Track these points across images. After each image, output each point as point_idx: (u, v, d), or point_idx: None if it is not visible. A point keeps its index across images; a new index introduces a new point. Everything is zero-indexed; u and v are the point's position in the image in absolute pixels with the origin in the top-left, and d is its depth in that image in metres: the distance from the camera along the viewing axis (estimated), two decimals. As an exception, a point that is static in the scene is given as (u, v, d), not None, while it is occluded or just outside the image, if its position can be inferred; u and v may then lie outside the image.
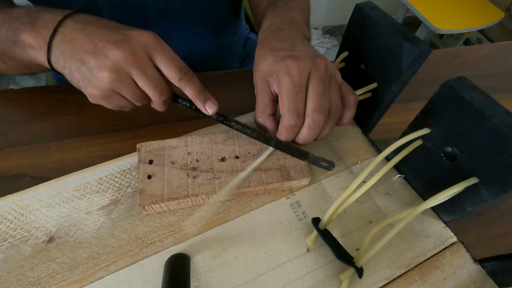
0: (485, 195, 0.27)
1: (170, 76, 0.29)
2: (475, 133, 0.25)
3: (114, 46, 0.27)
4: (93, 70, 0.27)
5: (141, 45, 0.28)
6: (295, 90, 0.29)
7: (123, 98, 0.30)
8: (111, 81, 0.27)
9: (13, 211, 0.30)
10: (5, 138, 0.36)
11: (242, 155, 0.33)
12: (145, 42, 0.28)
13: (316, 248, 0.30)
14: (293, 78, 0.29)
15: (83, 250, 0.28)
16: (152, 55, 0.29)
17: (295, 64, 0.29)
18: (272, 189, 0.33)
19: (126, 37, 0.28)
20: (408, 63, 0.29)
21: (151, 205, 0.29)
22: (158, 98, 0.30)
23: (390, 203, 0.33)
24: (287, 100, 0.29)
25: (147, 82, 0.28)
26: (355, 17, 0.33)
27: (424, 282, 0.29)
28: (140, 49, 0.28)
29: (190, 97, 0.30)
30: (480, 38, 1.68)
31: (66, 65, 0.28)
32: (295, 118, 0.29)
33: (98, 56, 0.27)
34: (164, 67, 0.29)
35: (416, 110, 0.30)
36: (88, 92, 0.29)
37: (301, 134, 0.30)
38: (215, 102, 0.31)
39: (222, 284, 0.27)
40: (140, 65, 0.28)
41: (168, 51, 0.29)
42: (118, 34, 0.28)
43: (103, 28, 0.28)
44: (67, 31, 0.28)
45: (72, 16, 0.29)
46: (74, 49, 0.28)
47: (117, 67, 0.27)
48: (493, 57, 0.55)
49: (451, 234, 0.32)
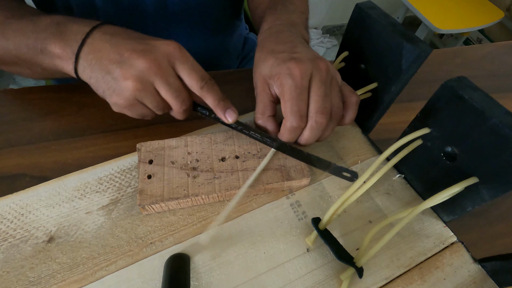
0: (485, 194, 0.27)
1: (191, 85, 0.30)
2: (475, 133, 0.25)
3: (139, 56, 0.27)
4: (118, 80, 0.28)
5: (164, 55, 0.29)
6: (297, 92, 0.29)
7: (146, 107, 0.30)
8: (135, 90, 0.28)
9: (13, 211, 0.30)
10: (4, 138, 0.36)
11: (242, 155, 0.33)
12: (169, 51, 0.29)
13: (316, 248, 0.30)
14: (295, 80, 0.29)
15: (83, 250, 0.28)
16: (175, 65, 0.29)
17: (297, 66, 0.29)
18: (272, 189, 0.33)
19: (150, 47, 0.28)
20: (408, 63, 0.29)
21: (151, 205, 0.29)
22: (180, 107, 0.30)
23: (390, 202, 0.33)
24: (290, 102, 0.29)
25: (170, 92, 0.29)
26: (355, 17, 0.33)
27: (424, 282, 0.29)
28: (163, 58, 0.28)
29: (211, 105, 0.31)
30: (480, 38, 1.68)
31: (92, 75, 0.29)
32: (298, 119, 0.29)
33: (124, 66, 0.27)
34: (186, 76, 0.30)
35: (416, 110, 0.30)
36: (112, 102, 0.29)
37: (303, 136, 0.31)
38: (235, 111, 0.31)
39: (222, 283, 0.27)
40: (163, 75, 0.28)
41: (191, 61, 0.30)
42: (143, 44, 0.28)
43: (129, 39, 0.29)
44: (95, 42, 0.29)
45: (100, 27, 0.30)
46: (101, 60, 0.28)
47: (142, 76, 0.28)
48: (493, 56, 0.55)
49: (451, 234, 0.32)
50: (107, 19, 0.45)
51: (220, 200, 0.32)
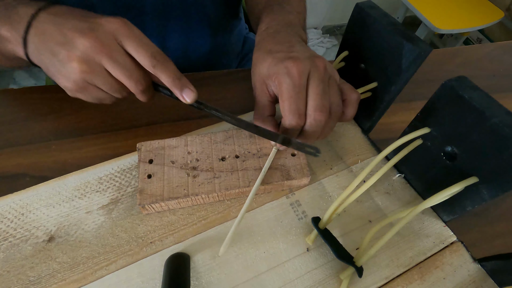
0: (485, 194, 0.27)
1: (143, 63, 0.28)
2: (475, 133, 0.25)
3: (81, 35, 0.26)
4: (64, 62, 0.27)
5: (109, 32, 0.27)
6: (295, 91, 0.29)
7: (100, 90, 0.29)
8: (82, 72, 0.27)
9: (13, 211, 0.30)
10: (5, 138, 0.36)
11: (242, 155, 0.33)
12: (114, 28, 0.27)
13: (316, 247, 0.30)
14: (293, 79, 0.29)
15: (83, 250, 0.28)
16: (123, 42, 0.27)
17: (294, 65, 0.29)
18: (272, 188, 0.33)
19: (94, 25, 0.27)
20: (408, 62, 0.29)
21: (151, 204, 0.29)
22: (135, 87, 0.28)
23: (390, 202, 0.33)
24: (288, 101, 0.29)
25: (119, 70, 0.27)
26: (355, 16, 0.33)
27: (424, 282, 0.29)
28: (108, 36, 0.27)
29: (166, 84, 0.29)
30: (480, 37, 1.68)
31: (41, 58, 0.28)
32: (296, 118, 0.29)
33: (67, 47, 0.26)
34: (135, 53, 0.28)
35: (416, 109, 0.30)
36: (62, 85, 0.28)
37: (302, 134, 0.30)
38: (193, 90, 0.29)
39: (222, 283, 0.27)
40: (109, 53, 0.26)
41: (139, 37, 0.28)
42: (86, 22, 0.27)
43: (72, 18, 0.27)
44: (39, 24, 0.28)
45: (46, 8, 0.29)
46: (46, 42, 0.27)
47: (86, 56, 0.26)
48: (493, 56, 0.55)
49: (451, 234, 0.32)
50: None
51: (220, 200, 0.32)
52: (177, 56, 0.53)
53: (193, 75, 0.45)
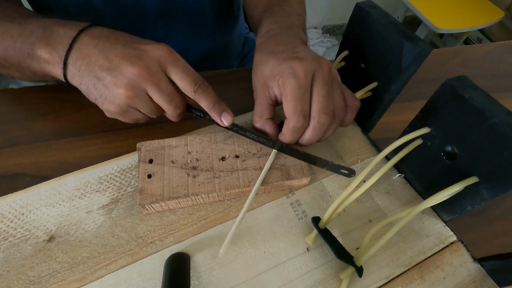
0: (485, 194, 0.27)
1: (184, 89, 0.29)
2: (475, 132, 0.25)
3: (129, 63, 0.27)
4: (110, 87, 0.27)
5: (155, 60, 0.28)
6: (301, 92, 0.28)
7: (139, 112, 0.30)
8: (127, 98, 0.28)
9: (13, 210, 0.30)
10: (5, 137, 0.36)
11: (242, 154, 0.33)
12: (159, 56, 0.28)
13: (316, 247, 0.30)
14: (298, 79, 0.28)
15: (84, 249, 0.28)
16: (167, 69, 0.29)
17: (300, 65, 0.29)
18: (272, 188, 0.33)
19: (140, 52, 0.28)
20: (408, 62, 0.29)
21: (151, 204, 0.29)
22: (173, 111, 0.30)
23: (390, 202, 0.33)
24: (294, 102, 0.28)
25: (163, 97, 0.29)
26: (355, 16, 0.33)
27: (424, 281, 0.29)
28: (154, 64, 0.28)
29: (206, 109, 0.31)
30: (480, 37, 1.68)
31: (83, 81, 0.28)
32: (301, 119, 0.29)
33: (114, 73, 0.27)
34: (178, 80, 0.29)
35: (416, 109, 0.30)
36: (105, 109, 0.29)
37: (305, 136, 0.30)
38: (230, 113, 0.31)
39: (222, 283, 0.27)
40: (155, 81, 0.28)
41: (182, 64, 0.29)
42: (132, 49, 0.28)
43: (117, 43, 0.28)
44: (82, 47, 0.28)
45: (87, 30, 0.29)
46: (90, 66, 0.28)
47: (133, 83, 0.27)
48: (493, 56, 0.55)
49: (451, 233, 0.32)
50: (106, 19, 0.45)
51: (220, 200, 0.32)
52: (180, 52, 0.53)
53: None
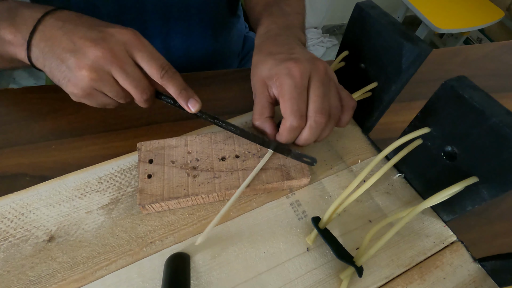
0: (485, 194, 0.27)
1: (151, 74, 0.29)
2: (475, 132, 0.25)
3: (93, 45, 0.26)
4: (73, 69, 0.27)
5: (121, 43, 0.28)
6: (297, 91, 0.29)
7: (105, 96, 0.29)
8: (91, 80, 0.27)
9: (13, 210, 0.30)
10: (5, 137, 0.36)
11: (242, 155, 0.33)
12: (125, 39, 0.28)
13: (316, 247, 0.30)
14: (295, 80, 0.29)
15: (84, 249, 0.28)
16: (133, 53, 0.28)
17: (296, 66, 0.29)
18: (272, 188, 0.33)
19: (105, 35, 0.27)
20: (408, 62, 0.29)
21: (151, 204, 0.29)
22: (140, 96, 0.29)
23: (390, 202, 0.33)
24: (290, 101, 0.29)
25: (128, 80, 0.28)
26: (355, 16, 0.33)
27: (424, 281, 0.29)
28: (120, 47, 0.27)
29: (173, 95, 0.30)
30: (480, 37, 1.68)
31: (46, 63, 0.28)
32: (298, 119, 0.29)
33: (77, 54, 0.27)
34: (145, 64, 0.29)
35: (416, 109, 0.30)
36: (69, 91, 0.29)
37: (302, 136, 0.31)
38: (198, 100, 0.31)
39: (222, 283, 0.27)
40: (120, 64, 0.27)
41: (149, 49, 0.29)
42: (97, 32, 0.27)
43: (82, 26, 0.28)
44: (46, 29, 0.28)
45: (53, 13, 0.29)
46: (54, 48, 0.27)
47: (97, 65, 0.27)
48: (493, 56, 0.55)
49: (451, 233, 0.32)
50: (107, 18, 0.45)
51: (220, 200, 0.32)
52: (179, 55, 0.54)
53: (193, 74, 0.45)
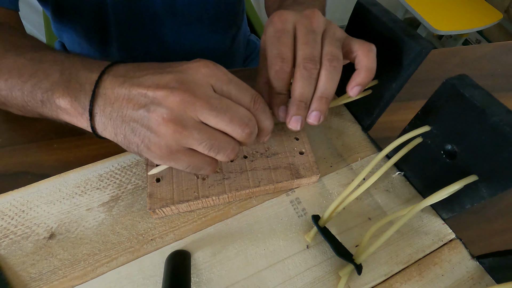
0: (484, 192, 0.27)
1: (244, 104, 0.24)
2: (475, 131, 0.25)
3: (167, 91, 0.22)
4: (151, 126, 0.22)
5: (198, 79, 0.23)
6: (276, 36, 0.27)
7: (198, 154, 0.24)
8: (175, 133, 0.22)
9: (14, 208, 0.30)
10: (7, 136, 0.36)
11: (250, 155, 0.33)
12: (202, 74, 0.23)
13: (316, 244, 0.30)
14: (274, 25, 0.27)
15: (84, 246, 0.28)
16: (217, 87, 0.24)
17: (276, 14, 0.28)
18: (282, 187, 0.32)
19: (177, 75, 0.23)
20: (409, 59, 0.29)
21: (161, 208, 0.29)
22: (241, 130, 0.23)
23: (390, 200, 0.34)
24: (270, 47, 0.27)
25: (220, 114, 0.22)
26: (356, 13, 0.33)
27: (422, 278, 0.29)
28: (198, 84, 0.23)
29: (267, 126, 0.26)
30: (479, 39, 1.69)
31: (118, 131, 0.24)
32: (278, 61, 0.26)
33: (152, 107, 0.22)
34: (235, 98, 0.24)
35: (415, 108, 0.30)
36: (153, 156, 0.23)
37: (296, 88, 0.27)
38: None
39: (222, 280, 0.28)
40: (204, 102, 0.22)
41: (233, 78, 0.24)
42: (166, 74, 0.23)
43: (147, 73, 0.23)
44: (108, 91, 0.23)
45: (109, 70, 0.25)
46: (122, 109, 0.23)
47: (177, 114, 0.22)
48: (491, 56, 0.56)
49: (450, 231, 0.32)
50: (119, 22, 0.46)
51: (230, 201, 0.32)
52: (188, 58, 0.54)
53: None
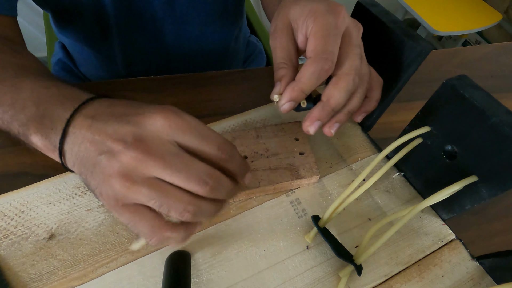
0: (484, 193, 0.27)
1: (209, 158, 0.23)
2: (475, 132, 0.25)
3: (123, 145, 0.21)
4: (104, 174, 0.22)
5: (156, 132, 0.22)
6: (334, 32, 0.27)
7: (152, 212, 0.22)
8: (123, 188, 0.21)
9: (14, 208, 0.30)
10: (7, 137, 0.36)
11: (250, 155, 0.33)
12: (160, 125, 0.22)
13: (316, 245, 0.30)
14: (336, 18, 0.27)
15: (84, 247, 0.28)
16: (177, 139, 0.22)
17: (339, 6, 0.27)
18: (281, 188, 0.32)
19: (136, 128, 0.22)
20: (409, 60, 0.29)
21: None
22: (199, 187, 0.21)
23: (390, 200, 0.34)
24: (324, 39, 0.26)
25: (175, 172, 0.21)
26: (356, 14, 0.33)
27: (423, 279, 0.29)
28: (156, 137, 0.22)
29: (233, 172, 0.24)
30: (478, 40, 1.69)
31: (82, 170, 0.23)
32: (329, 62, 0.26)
33: (108, 157, 0.21)
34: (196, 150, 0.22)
35: (414, 109, 0.30)
36: (105, 203, 0.23)
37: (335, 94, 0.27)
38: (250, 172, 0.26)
39: (222, 280, 0.28)
40: (158, 159, 0.21)
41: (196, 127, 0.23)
42: (126, 124, 0.22)
43: (112, 119, 0.23)
44: (76, 130, 0.23)
45: (83, 108, 0.24)
46: (87, 151, 0.22)
47: (129, 169, 0.21)
48: (491, 57, 0.56)
49: (450, 232, 0.32)
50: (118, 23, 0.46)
51: (230, 202, 0.32)
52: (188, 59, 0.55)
53: (194, 75, 0.45)
